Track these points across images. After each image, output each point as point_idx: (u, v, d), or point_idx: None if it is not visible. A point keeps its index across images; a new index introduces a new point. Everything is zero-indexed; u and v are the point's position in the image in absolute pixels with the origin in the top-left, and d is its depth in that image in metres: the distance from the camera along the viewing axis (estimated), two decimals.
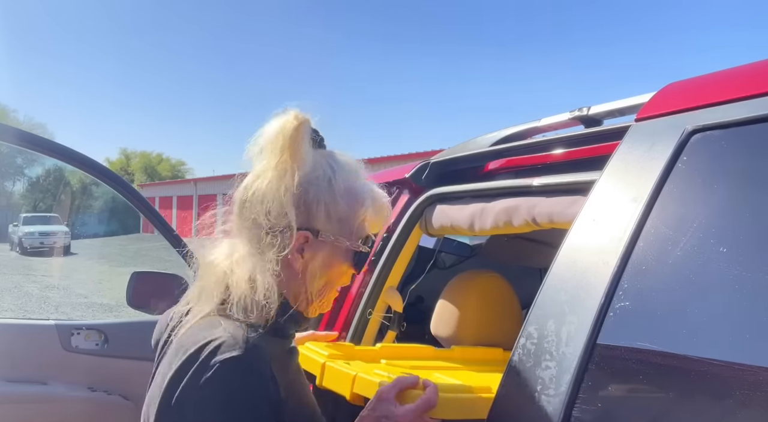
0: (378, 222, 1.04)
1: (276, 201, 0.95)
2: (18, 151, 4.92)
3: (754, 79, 0.86)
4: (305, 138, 0.97)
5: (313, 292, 1.01)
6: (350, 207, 0.99)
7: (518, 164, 1.53)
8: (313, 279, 1.00)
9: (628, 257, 0.80)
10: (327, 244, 0.98)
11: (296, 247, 0.96)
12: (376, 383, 1.07)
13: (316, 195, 0.96)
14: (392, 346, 1.47)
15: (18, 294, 9.76)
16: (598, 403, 0.77)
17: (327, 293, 1.03)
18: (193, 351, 0.87)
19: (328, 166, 0.98)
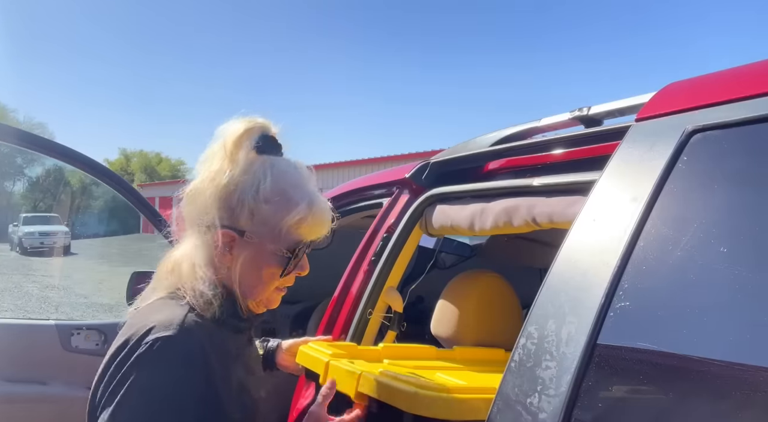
0: (314, 230, 1.05)
1: (202, 199, 1.02)
2: (18, 151, 4.93)
3: (754, 79, 0.86)
4: (245, 143, 1.02)
5: (246, 290, 1.05)
6: (277, 211, 1.01)
7: (518, 164, 1.53)
8: (242, 277, 1.04)
9: (628, 257, 0.80)
10: (252, 245, 1.02)
11: (224, 245, 1.01)
12: (383, 382, 1.09)
13: (241, 197, 1.00)
14: (394, 346, 1.47)
15: (18, 294, 9.75)
16: (598, 403, 0.77)
17: (261, 292, 1.06)
18: (131, 333, 0.93)
19: (262, 171, 1.02)
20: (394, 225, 1.70)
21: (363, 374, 1.14)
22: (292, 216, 1.01)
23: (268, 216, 1.01)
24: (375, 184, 1.96)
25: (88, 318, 7.45)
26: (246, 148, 1.03)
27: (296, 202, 1.02)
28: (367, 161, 19.80)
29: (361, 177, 2.12)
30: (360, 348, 1.43)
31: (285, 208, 1.01)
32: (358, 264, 1.74)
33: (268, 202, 1.01)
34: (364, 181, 2.05)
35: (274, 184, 1.01)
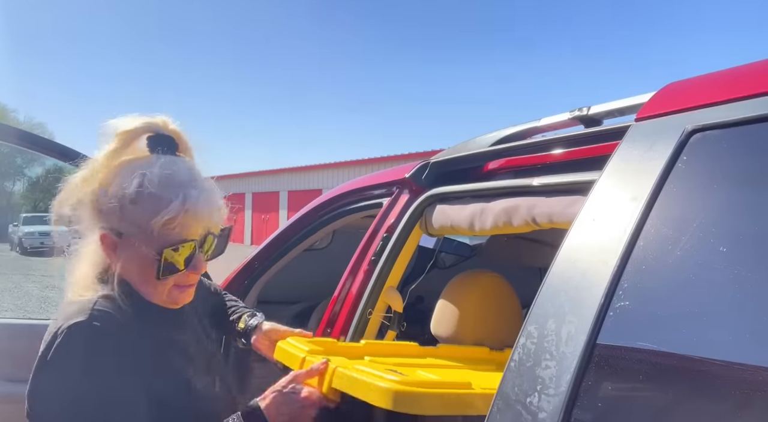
0: (190, 229, 1.01)
1: (83, 203, 1.05)
2: (18, 151, 4.93)
3: (754, 79, 0.86)
4: (131, 142, 1.04)
5: (140, 287, 1.05)
6: (144, 212, 0.99)
7: (518, 164, 1.53)
8: (129, 277, 1.05)
9: (628, 257, 0.80)
10: (131, 247, 1.02)
11: (106, 246, 1.03)
12: (354, 377, 1.08)
13: (111, 198, 1.01)
14: (377, 343, 1.45)
15: (18, 294, 9.76)
16: (598, 403, 0.77)
17: (153, 293, 1.06)
18: (52, 325, 0.98)
19: (130, 171, 1.01)
20: (394, 225, 1.70)
21: (336, 369, 1.13)
22: (161, 216, 0.98)
23: (137, 217, 1.00)
24: (375, 184, 1.96)
25: None
26: (121, 149, 1.04)
27: (166, 201, 0.99)
28: (367, 161, 19.80)
29: (361, 177, 2.12)
30: (340, 345, 1.41)
31: (153, 208, 0.99)
32: (358, 264, 1.74)
33: (134, 203, 1.00)
34: (364, 181, 2.05)
35: (142, 184, 1.00)
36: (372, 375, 1.07)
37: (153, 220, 0.99)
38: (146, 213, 0.99)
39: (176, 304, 1.10)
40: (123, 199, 1.01)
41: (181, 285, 1.07)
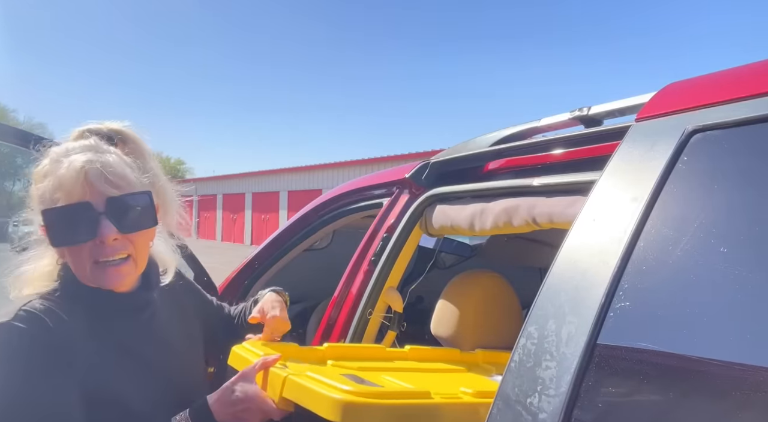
0: (74, 191, 1.00)
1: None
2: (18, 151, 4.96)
3: (754, 79, 0.86)
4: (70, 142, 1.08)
5: (75, 273, 1.06)
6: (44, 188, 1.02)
7: (518, 164, 1.53)
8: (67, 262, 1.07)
9: (628, 257, 0.80)
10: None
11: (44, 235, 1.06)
12: (306, 387, 1.00)
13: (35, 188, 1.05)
14: (340, 346, 1.38)
15: None
16: (598, 403, 0.77)
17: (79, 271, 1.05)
18: None
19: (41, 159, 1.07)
20: (394, 225, 1.70)
21: (288, 377, 1.04)
22: (37, 186, 1.03)
23: (41, 194, 1.03)
24: (375, 184, 1.96)
25: None
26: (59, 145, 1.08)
27: (41, 174, 1.03)
28: (367, 161, 19.81)
29: (361, 177, 2.12)
30: (301, 349, 1.31)
31: (36, 182, 1.04)
32: (358, 264, 1.74)
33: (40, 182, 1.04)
34: (364, 181, 2.05)
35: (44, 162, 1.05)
36: (322, 385, 0.99)
37: (36, 193, 1.03)
38: (42, 189, 1.02)
39: (102, 285, 1.06)
40: (34, 182, 1.05)
41: (99, 260, 1.03)
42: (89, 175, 1.00)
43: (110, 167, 1.02)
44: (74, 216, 0.99)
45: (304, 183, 24.31)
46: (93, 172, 1.00)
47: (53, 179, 1.00)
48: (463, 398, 1.09)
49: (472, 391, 1.10)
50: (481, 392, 1.09)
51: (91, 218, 1.00)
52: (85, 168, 1.00)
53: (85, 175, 0.99)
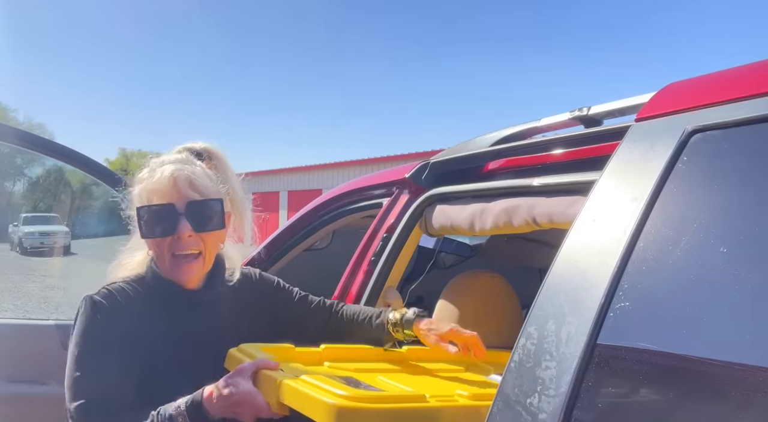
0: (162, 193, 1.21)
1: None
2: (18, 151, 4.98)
3: (754, 79, 0.86)
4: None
5: (157, 263, 1.25)
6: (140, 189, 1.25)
7: (518, 164, 1.53)
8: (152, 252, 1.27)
9: (628, 257, 0.80)
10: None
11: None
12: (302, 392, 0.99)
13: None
14: (337, 348, 1.35)
15: (18, 294, 9.75)
16: (598, 403, 0.77)
17: (160, 263, 1.25)
18: None
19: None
20: (394, 225, 1.70)
21: (283, 381, 1.04)
22: (137, 187, 1.25)
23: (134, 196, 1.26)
24: (375, 184, 1.96)
25: None
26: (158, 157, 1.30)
27: (142, 178, 1.26)
28: (367, 161, 19.80)
29: (361, 177, 2.12)
30: (297, 351, 1.31)
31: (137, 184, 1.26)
32: (358, 264, 1.74)
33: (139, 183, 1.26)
34: (364, 181, 2.06)
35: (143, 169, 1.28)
36: (317, 389, 0.98)
37: (139, 191, 1.23)
38: (140, 190, 1.24)
39: (177, 278, 1.24)
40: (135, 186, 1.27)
41: (176, 254, 1.21)
42: (177, 180, 1.20)
43: (193, 176, 1.22)
44: (160, 214, 1.20)
45: (304, 183, 24.30)
46: (180, 179, 1.21)
47: (149, 183, 1.22)
48: (459, 401, 1.08)
49: (468, 393, 1.08)
50: (478, 394, 1.08)
51: (173, 217, 1.20)
52: (174, 175, 1.21)
53: (174, 180, 1.20)
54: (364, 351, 1.40)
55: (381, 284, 1.65)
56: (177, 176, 1.20)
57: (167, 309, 1.25)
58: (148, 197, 1.21)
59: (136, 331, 1.19)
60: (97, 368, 1.13)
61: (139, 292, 1.24)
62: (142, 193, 1.23)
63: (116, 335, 1.16)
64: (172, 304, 1.26)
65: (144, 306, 1.23)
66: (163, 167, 1.23)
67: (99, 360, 1.14)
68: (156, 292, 1.25)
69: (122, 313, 1.19)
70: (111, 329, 1.17)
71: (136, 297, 1.23)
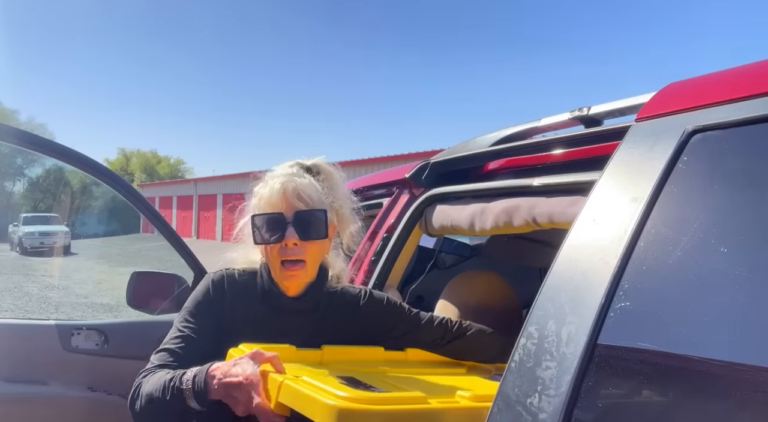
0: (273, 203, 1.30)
1: None
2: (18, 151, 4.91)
3: (754, 79, 0.86)
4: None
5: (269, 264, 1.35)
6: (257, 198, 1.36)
7: (518, 164, 1.53)
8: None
9: (628, 257, 0.80)
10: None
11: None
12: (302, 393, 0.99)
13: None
14: (338, 349, 1.34)
15: (18, 294, 9.75)
16: (598, 403, 0.77)
17: (272, 268, 1.34)
18: None
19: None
20: (394, 225, 1.70)
21: (284, 382, 1.04)
22: (255, 198, 1.36)
23: (251, 206, 1.37)
24: (375, 184, 1.96)
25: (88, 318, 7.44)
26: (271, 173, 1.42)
27: (258, 189, 1.36)
28: (367, 161, 19.80)
29: (361, 177, 2.12)
30: (298, 351, 1.29)
31: (255, 195, 1.37)
32: (358, 264, 1.74)
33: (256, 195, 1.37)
34: (364, 180, 2.06)
35: (261, 182, 1.38)
36: (318, 390, 0.98)
37: (255, 200, 1.35)
38: (257, 200, 1.35)
39: (285, 282, 1.33)
40: (255, 196, 1.38)
41: (285, 259, 1.30)
42: (286, 191, 1.29)
43: (302, 187, 1.31)
44: (271, 222, 1.29)
45: None
46: (289, 190, 1.30)
47: (264, 193, 1.32)
48: (460, 402, 1.07)
49: (470, 395, 1.08)
50: (479, 395, 1.07)
51: (281, 225, 1.29)
52: (284, 186, 1.30)
53: (283, 191, 1.29)
54: (365, 353, 1.39)
55: (381, 284, 1.65)
56: (286, 187, 1.30)
57: (263, 308, 1.35)
58: (261, 207, 1.32)
59: (231, 315, 1.33)
60: (188, 329, 1.29)
61: (248, 286, 1.37)
62: (258, 203, 1.34)
63: (213, 312, 1.33)
64: (269, 305, 1.35)
65: (247, 298, 1.35)
66: (275, 180, 1.33)
67: (191, 325, 1.30)
68: (260, 290, 1.36)
69: (225, 297, 1.34)
70: (212, 305, 1.33)
71: (244, 288, 1.36)
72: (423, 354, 1.45)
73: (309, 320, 1.37)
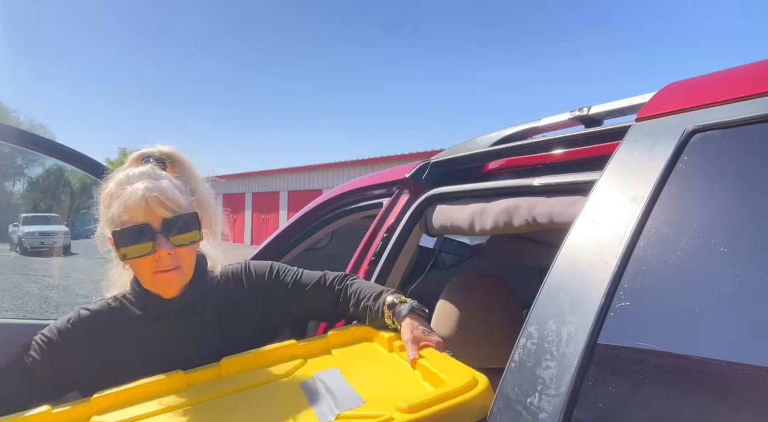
0: (136, 212, 1.17)
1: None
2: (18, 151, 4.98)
3: (754, 79, 0.86)
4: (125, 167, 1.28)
5: (140, 280, 1.27)
6: (108, 208, 1.22)
7: (518, 164, 1.53)
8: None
9: (628, 257, 0.80)
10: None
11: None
12: None
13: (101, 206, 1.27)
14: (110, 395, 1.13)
15: (18, 294, 9.75)
16: (598, 403, 0.77)
17: (142, 279, 1.26)
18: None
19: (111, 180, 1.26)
20: (394, 225, 1.70)
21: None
22: (107, 208, 1.22)
23: (106, 214, 1.22)
24: (375, 184, 1.96)
25: None
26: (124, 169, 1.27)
27: (109, 196, 1.22)
28: (367, 161, 19.80)
29: (361, 177, 2.12)
30: (54, 414, 1.09)
31: (110, 203, 1.21)
32: (358, 264, 1.74)
33: (103, 203, 1.24)
34: (364, 180, 2.05)
35: (107, 186, 1.24)
36: None
37: (111, 213, 1.19)
38: (108, 209, 1.21)
39: (163, 289, 1.25)
40: (102, 203, 1.24)
41: (158, 271, 1.21)
42: (149, 201, 1.17)
43: (165, 193, 1.19)
44: (137, 235, 1.18)
45: (304, 183, 24.31)
46: (152, 199, 1.17)
47: (120, 204, 1.18)
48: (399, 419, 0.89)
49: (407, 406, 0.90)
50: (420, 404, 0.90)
51: (150, 236, 1.18)
52: (146, 195, 1.17)
53: (146, 201, 1.17)
54: (144, 389, 1.14)
55: (381, 284, 1.65)
56: (147, 196, 1.17)
57: (144, 321, 1.27)
58: (120, 219, 1.18)
59: (103, 348, 1.25)
60: (20, 361, 1.24)
61: (122, 309, 1.29)
62: (115, 215, 1.19)
63: (57, 360, 1.24)
64: (148, 315, 1.28)
65: (122, 321, 1.27)
66: (133, 186, 1.18)
67: (27, 358, 1.25)
68: (136, 307, 1.28)
69: (82, 343, 1.25)
70: (62, 344, 1.25)
71: (118, 313, 1.28)
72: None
73: (194, 315, 1.29)
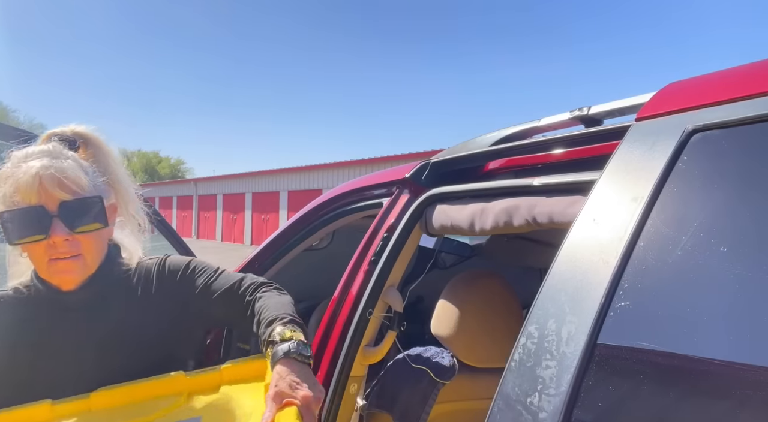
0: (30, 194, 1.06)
1: None
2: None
3: (754, 78, 0.86)
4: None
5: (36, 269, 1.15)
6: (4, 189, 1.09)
7: (518, 164, 1.53)
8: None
9: (628, 257, 0.80)
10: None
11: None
12: None
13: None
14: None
15: None
16: (598, 403, 0.77)
17: (37, 268, 1.14)
18: None
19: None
20: (394, 225, 1.70)
21: None
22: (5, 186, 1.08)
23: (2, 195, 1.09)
24: (375, 184, 1.96)
25: None
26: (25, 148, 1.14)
27: (4, 176, 1.09)
28: (367, 161, 19.81)
29: (361, 177, 2.12)
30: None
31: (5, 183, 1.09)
32: (358, 264, 1.74)
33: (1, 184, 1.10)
34: (364, 180, 2.05)
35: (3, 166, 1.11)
36: None
37: (2, 192, 1.08)
38: (3, 191, 1.08)
39: (60, 279, 1.13)
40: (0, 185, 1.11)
41: (53, 258, 1.10)
42: (43, 180, 1.05)
43: (64, 173, 1.07)
44: (29, 218, 1.06)
45: (304, 183, 24.31)
46: (47, 178, 1.06)
47: (13, 182, 1.06)
48: None
49: None
50: None
51: (44, 220, 1.06)
52: (40, 173, 1.06)
53: (39, 180, 1.05)
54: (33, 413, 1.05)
55: (381, 284, 1.65)
56: (42, 175, 1.05)
57: (41, 317, 1.16)
58: (12, 199, 1.06)
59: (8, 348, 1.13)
60: None
61: (19, 301, 1.17)
62: (6, 194, 1.07)
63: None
64: (45, 309, 1.16)
65: (19, 314, 1.15)
66: (28, 163, 1.07)
67: None
68: (33, 300, 1.17)
69: None
70: None
71: (13, 307, 1.16)
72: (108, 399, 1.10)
73: (100, 311, 1.19)
